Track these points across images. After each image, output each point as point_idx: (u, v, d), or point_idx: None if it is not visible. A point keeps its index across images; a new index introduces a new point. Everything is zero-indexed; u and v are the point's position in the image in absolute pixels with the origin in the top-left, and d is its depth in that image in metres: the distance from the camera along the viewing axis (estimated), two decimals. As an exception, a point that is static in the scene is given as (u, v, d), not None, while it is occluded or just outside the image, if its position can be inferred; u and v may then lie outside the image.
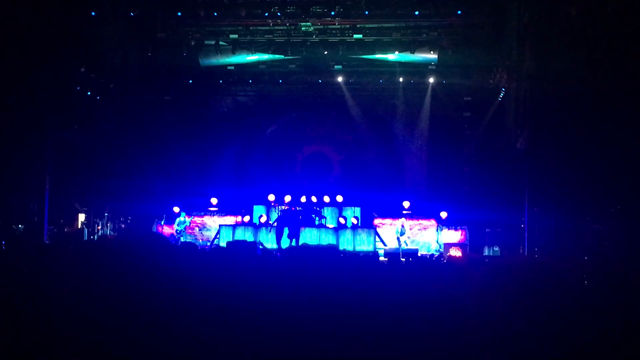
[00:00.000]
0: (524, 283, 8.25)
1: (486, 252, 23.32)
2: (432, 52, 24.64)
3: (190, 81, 28.68)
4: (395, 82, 28.22)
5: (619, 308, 6.48)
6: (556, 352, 5.58)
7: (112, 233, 25.88)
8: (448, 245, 23.46)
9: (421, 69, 26.95)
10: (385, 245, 24.78)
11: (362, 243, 24.67)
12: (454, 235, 25.28)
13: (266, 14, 23.18)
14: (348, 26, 24.02)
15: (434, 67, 26.26)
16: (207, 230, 26.61)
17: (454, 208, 25.87)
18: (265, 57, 25.91)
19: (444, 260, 20.74)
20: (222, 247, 22.76)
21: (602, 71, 18.92)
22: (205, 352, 5.78)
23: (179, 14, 23.46)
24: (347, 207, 26.63)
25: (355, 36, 24.21)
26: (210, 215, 26.88)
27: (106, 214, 26.20)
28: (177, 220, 25.35)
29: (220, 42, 25.19)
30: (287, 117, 29.93)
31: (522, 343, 5.72)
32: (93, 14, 22.73)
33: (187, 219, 25.66)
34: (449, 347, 5.78)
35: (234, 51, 25.36)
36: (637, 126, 18.49)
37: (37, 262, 9.31)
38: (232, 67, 27.56)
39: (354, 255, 19.97)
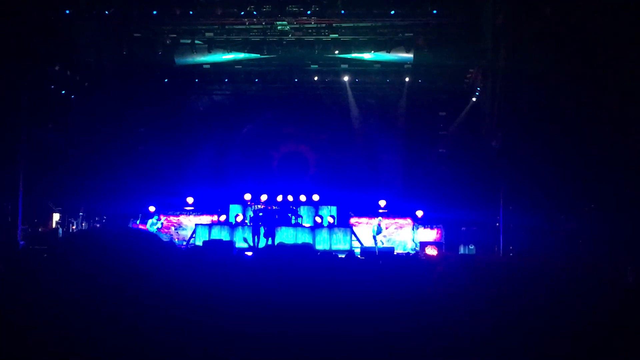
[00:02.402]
0: (498, 281, 8.32)
1: (461, 251, 23.48)
2: (407, 51, 24.73)
3: (166, 80, 28.52)
4: (372, 81, 28.27)
5: (593, 305, 6.57)
6: (531, 349, 5.64)
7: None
8: (424, 244, 23.53)
9: (397, 68, 27.03)
10: (361, 244, 24.80)
11: (339, 242, 24.65)
12: (429, 234, 25.38)
13: (242, 13, 23.13)
14: (324, 25, 24.07)
15: (409, 66, 26.36)
16: (183, 229, 26.47)
17: (429, 207, 25.95)
18: (241, 56, 25.85)
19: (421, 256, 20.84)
20: (198, 247, 22.75)
21: (577, 71, 19.10)
22: (182, 353, 5.77)
23: (155, 12, 23.33)
24: (323, 206, 26.62)
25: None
26: (186, 214, 26.74)
27: (81, 213, 26.00)
28: (150, 221, 25.13)
29: (196, 41, 25.11)
30: (263, 116, 29.82)
31: (497, 340, 5.77)
32: (67, 12, 22.55)
33: (161, 219, 25.52)
34: (426, 346, 5.83)
35: (209, 50, 25.28)
36: (611, 126, 18.71)
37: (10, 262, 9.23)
38: (208, 66, 27.51)
39: (331, 255, 19.99)
